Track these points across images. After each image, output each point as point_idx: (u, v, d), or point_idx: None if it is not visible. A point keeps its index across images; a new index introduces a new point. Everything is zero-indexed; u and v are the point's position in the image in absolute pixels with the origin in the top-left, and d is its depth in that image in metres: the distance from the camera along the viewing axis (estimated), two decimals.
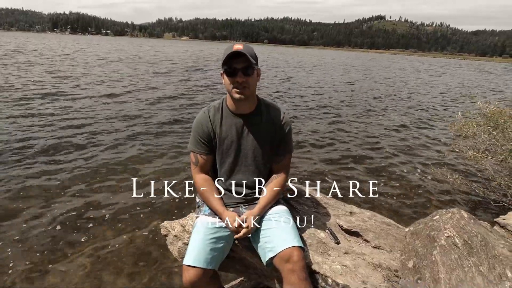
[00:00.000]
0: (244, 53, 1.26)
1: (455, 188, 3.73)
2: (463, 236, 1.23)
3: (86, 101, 7.07)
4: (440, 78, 22.05)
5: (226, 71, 1.29)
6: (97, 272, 2.13)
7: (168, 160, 4.09)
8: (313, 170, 4.09)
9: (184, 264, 1.23)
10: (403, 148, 5.28)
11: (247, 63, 1.28)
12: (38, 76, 10.10)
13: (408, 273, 1.23)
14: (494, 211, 3.20)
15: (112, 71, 13.11)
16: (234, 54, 1.25)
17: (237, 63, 1.27)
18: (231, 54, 1.25)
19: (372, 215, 1.74)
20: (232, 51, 1.25)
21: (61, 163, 3.75)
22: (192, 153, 1.47)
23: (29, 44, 30.87)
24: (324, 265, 1.31)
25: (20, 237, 2.42)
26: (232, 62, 1.27)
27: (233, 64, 1.27)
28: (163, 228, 1.68)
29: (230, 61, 1.27)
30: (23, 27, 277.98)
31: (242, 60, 1.27)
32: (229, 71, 1.28)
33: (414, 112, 8.68)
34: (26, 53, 19.36)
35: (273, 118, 1.45)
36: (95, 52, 24.98)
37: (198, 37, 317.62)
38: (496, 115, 3.45)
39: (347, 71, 22.33)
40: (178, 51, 38.43)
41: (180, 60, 22.73)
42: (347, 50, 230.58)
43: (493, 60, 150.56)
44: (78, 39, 78.19)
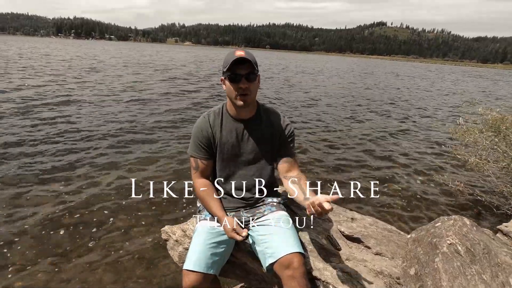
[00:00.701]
0: (249, 59, 1.26)
1: (457, 195, 3.71)
2: (466, 244, 1.22)
3: (88, 107, 7.11)
4: (444, 83, 22.09)
5: (230, 77, 1.30)
6: (95, 277, 2.12)
7: (168, 161, 4.09)
8: (314, 173, 4.08)
9: (184, 269, 1.23)
10: (405, 154, 5.27)
11: (251, 70, 1.29)
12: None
13: (410, 280, 1.22)
14: (496, 219, 3.18)
15: (116, 75, 13.21)
16: (238, 60, 1.26)
17: (241, 69, 1.28)
18: (235, 60, 1.26)
19: (373, 221, 1.73)
20: (236, 57, 1.26)
21: (57, 166, 3.76)
22: (192, 158, 1.47)
23: (55, 51, 30.15)
24: (325, 271, 1.30)
25: (19, 238, 2.41)
26: (235, 68, 1.27)
27: (237, 70, 1.28)
28: (163, 233, 1.67)
29: (234, 67, 1.27)
30: (27, 32, 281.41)
31: (245, 67, 1.28)
32: (233, 77, 1.29)
33: (416, 117, 8.68)
34: (63, 59, 19.48)
35: (272, 122, 1.46)
36: (99, 57, 25.13)
37: (201, 42, 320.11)
38: (498, 121, 3.44)
39: (357, 76, 22.42)
40: (186, 56, 38.56)
41: (193, 65, 22.86)
42: (349, 56, 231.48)
43: (494, 67, 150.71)
44: (84, 44, 78.71)
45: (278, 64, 32.91)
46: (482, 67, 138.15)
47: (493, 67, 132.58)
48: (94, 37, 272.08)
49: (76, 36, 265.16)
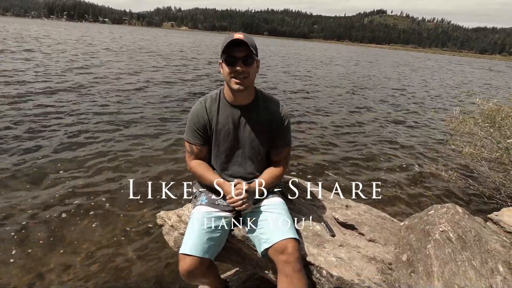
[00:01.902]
0: (245, 42, 1.23)
1: (450, 184, 3.76)
2: (457, 231, 1.24)
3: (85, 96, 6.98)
4: (445, 74, 22.05)
5: (226, 60, 1.27)
6: (91, 263, 2.14)
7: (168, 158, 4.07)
8: (311, 163, 4.10)
9: (180, 253, 1.23)
10: (400, 143, 5.30)
11: (248, 53, 1.26)
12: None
13: (402, 266, 1.25)
14: (488, 208, 3.24)
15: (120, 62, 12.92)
16: (234, 42, 1.23)
17: (237, 52, 1.25)
18: (231, 42, 1.23)
19: (367, 208, 1.76)
20: (233, 39, 1.23)
21: (47, 149, 3.72)
22: (186, 143, 1.46)
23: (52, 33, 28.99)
24: (319, 257, 1.32)
25: (18, 236, 2.39)
26: (232, 51, 1.25)
27: (233, 53, 1.25)
28: (159, 218, 1.68)
29: (230, 49, 1.25)
30: (18, 13, 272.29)
31: (242, 49, 1.25)
32: (229, 59, 1.26)
33: (411, 107, 8.70)
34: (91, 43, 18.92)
35: (271, 110, 1.44)
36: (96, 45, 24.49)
37: (198, 27, 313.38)
38: (494, 112, 3.46)
39: (361, 66, 22.24)
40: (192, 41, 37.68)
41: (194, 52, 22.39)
42: (347, 44, 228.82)
43: (492, 58, 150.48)
44: (80, 26, 75.66)
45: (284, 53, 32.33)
46: (480, 57, 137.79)
47: (490, 58, 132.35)
48: (87, 19, 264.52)
49: (69, 18, 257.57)
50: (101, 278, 2.00)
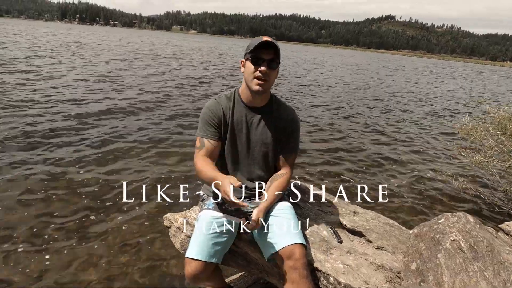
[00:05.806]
0: (275, 45, 1.26)
1: (460, 192, 3.69)
2: (469, 241, 1.21)
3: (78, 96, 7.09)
4: (455, 80, 21.77)
5: (252, 59, 1.28)
6: (95, 260, 2.15)
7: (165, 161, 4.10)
8: (318, 168, 4.08)
9: (186, 257, 1.24)
10: (410, 150, 5.24)
11: (274, 56, 1.28)
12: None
13: (411, 275, 1.23)
14: (498, 218, 3.17)
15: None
16: (264, 43, 1.25)
17: (265, 54, 1.27)
18: (261, 43, 1.24)
19: (375, 215, 1.74)
20: (263, 40, 1.24)
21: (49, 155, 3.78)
22: (198, 138, 1.40)
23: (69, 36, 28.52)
24: (326, 263, 1.31)
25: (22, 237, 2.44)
26: (259, 52, 1.27)
27: (260, 54, 1.27)
28: (166, 220, 1.69)
29: (258, 50, 1.26)
30: (32, 15, 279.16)
31: (270, 52, 1.27)
32: (255, 59, 1.27)
33: (422, 114, 8.60)
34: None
35: (283, 115, 1.44)
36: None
37: (206, 31, 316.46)
38: (505, 120, 3.39)
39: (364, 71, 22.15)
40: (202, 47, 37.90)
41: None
42: (355, 49, 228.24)
43: (503, 65, 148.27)
44: (99, 29, 76.16)
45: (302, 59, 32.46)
46: (491, 64, 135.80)
47: (501, 65, 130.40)
48: (98, 22, 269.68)
49: (81, 21, 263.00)
50: (106, 278, 2.01)
